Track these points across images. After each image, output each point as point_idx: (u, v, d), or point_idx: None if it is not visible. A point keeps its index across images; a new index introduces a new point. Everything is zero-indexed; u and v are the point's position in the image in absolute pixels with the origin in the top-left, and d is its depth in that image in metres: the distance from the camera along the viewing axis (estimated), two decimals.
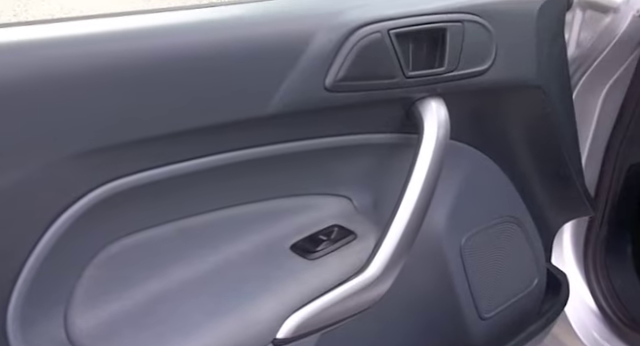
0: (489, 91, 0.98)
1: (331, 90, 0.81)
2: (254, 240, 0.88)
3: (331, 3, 0.88)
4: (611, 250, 1.28)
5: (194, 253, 0.84)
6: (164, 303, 0.80)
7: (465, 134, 1.02)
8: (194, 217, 0.85)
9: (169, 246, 0.83)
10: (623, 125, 1.21)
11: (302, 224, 0.91)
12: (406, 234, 0.86)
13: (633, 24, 1.09)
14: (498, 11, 0.94)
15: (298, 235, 0.89)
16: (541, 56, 1.00)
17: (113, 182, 0.74)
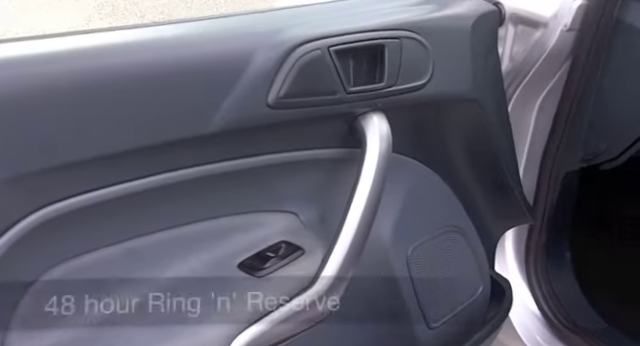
0: (428, 105, 1.01)
1: (273, 107, 0.82)
2: (201, 259, 0.87)
3: (271, 21, 0.89)
4: (551, 256, 1.32)
5: (141, 274, 0.83)
6: (110, 327, 0.78)
7: (407, 147, 1.04)
8: (141, 238, 0.83)
9: (116, 267, 0.81)
10: (557, 135, 1.25)
11: (249, 242, 0.91)
12: (353, 247, 0.87)
13: (561, 38, 1.14)
14: (434, 28, 0.97)
15: (246, 253, 0.89)
16: (476, 70, 1.03)
17: (52, 205, 0.72)
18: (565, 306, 1.28)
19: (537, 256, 1.31)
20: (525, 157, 1.31)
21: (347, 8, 1.00)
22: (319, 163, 0.96)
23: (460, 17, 1.02)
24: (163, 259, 0.85)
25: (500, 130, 1.15)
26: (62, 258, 0.78)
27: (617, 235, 1.50)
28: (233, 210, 0.92)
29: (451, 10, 1.03)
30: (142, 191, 0.79)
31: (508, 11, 1.19)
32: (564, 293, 1.29)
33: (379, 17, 0.95)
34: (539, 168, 1.32)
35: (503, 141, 1.15)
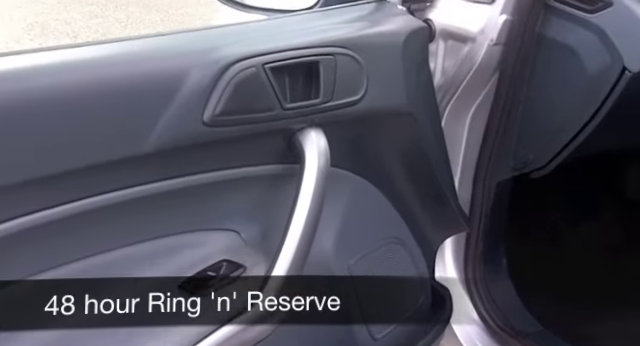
0: (364, 119, 1.02)
1: (210, 125, 0.81)
2: (142, 282, 0.86)
3: (206, 40, 0.89)
4: (488, 263, 1.35)
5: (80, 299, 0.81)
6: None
7: (346, 161, 1.05)
8: (79, 261, 0.82)
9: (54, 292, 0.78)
10: (488, 146, 1.29)
11: (190, 261, 0.90)
12: (295, 263, 0.87)
13: (489, 52, 1.18)
14: (366, 44, 0.99)
15: (187, 273, 0.88)
16: (409, 84, 1.06)
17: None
18: (503, 311, 1.31)
19: (475, 264, 1.35)
20: (460, 168, 1.35)
21: (282, 26, 1.01)
22: (258, 180, 0.96)
23: (392, 34, 1.04)
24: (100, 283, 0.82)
25: (434, 142, 1.18)
26: (7, 280, 0.75)
27: (549, 239, 1.55)
28: (173, 230, 0.90)
29: (383, 27, 1.05)
30: (80, 213, 0.77)
31: (438, 27, 1.23)
32: (502, 299, 1.33)
33: (313, 34, 0.96)
34: (473, 178, 1.36)
35: (438, 153, 1.18)
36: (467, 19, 1.19)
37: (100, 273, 0.83)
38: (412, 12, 1.18)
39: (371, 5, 1.09)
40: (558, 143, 1.29)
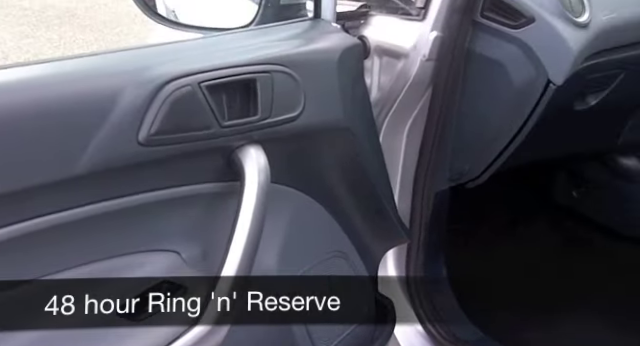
0: (303, 135, 1.03)
1: (145, 145, 0.80)
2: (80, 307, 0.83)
3: (140, 59, 0.87)
4: (429, 272, 1.37)
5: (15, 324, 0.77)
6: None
7: (286, 177, 1.05)
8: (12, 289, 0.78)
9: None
10: (425, 159, 1.31)
11: (129, 284, 0.87)
12: (237, 282, 0.86)
13: (422, 68, 1.21)
14: (302, 61, 1.00)
15: (125, 296, 0.85)
16: (346, 100, 1.07)
17: None
18: (445, 320, 1.33)
19: (416, 274, 1.36)
20: (399, 180, 1.37)
21: (218, 44, 1.00)
22: (198, 198, 0.94)
23: (327, 51, 1.05)
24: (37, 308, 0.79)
25: (373, 156, 1.19)
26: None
27: (486, 247, 1.59)
28: (110, 253, 0.87)
29: (318, 44, 1.06)
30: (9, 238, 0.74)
31: (373, 44, 1.25)
32: (443, 308, 1.35)
33: (250, 52, 0.96)
34: (412, 190, 1.38)
35: (376, 167, 1.20)
36: (400, 36, 1.22)
37: (35, 299, 0.79)
38: (347, 30, 1.19)
39: (306, 23, 1.10)
40: (491, 154, 1.33)
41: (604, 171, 1.59)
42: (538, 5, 1.15)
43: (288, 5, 1.14)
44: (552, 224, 1.65)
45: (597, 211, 1.62)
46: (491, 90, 1.25)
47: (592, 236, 1.59)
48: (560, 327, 1.36)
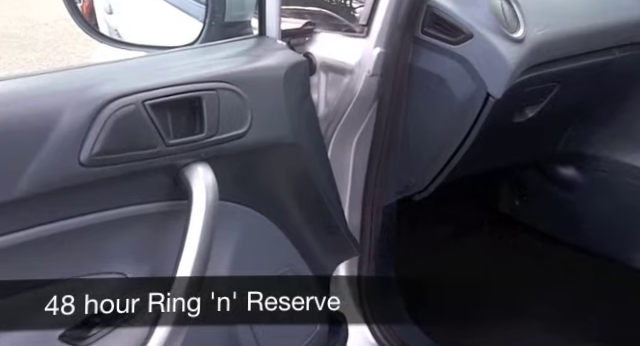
0: (251, 152, 1.02)
1: (87, 165, 0.78)
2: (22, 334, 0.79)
3: (81, 78, 0.85)
4: (380, 284, 1.38)
5: None
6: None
7: (235, 194, 1.04)
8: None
9: None
10: (373, 172, 1.32)
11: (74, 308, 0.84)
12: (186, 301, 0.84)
13: (367, 83, 1.22)
14: (248, 78, 0.99)
15: (69, 322, 0.82)
16: (293, 116, 1.07)
17: None
18: (397, 331, 1.34)
19: (368, 286, 1.37)
20: (348, 195, 1.37)
21: (162, 62, 0.99)
22: (145, 218, 0.92)
23: (273, 68, 1.05)
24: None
25: (322, 171, 1.19)
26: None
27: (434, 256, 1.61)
28: (54, 276, 0.84)
29: (264, 62, 1.06)
30: None
31: (319, 60, 1.26)
32: (394, 319, 1.35)
33: (194, 70, 0.95)
34: (361, 204, 1.39)
35: (325, 181, 1.20)
36: (345, 52, 1.23)
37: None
38: (292, 47, 1.20)
39: (251, 40, 1.10)
40: (436, 166, 1.35)
41: (544, 180, 1.64)
42: (476, 22, 1.18)
43: (233, 23, 1.13)
44: (497, 232, 1.69)
45: (539, 219, 1.66)
46: (434, 104, 1.28)
47: (535, 243, 1.63)
48: (506, 331, 1.39)
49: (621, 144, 1.52)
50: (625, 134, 1.52)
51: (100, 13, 1.36)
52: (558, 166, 1.60)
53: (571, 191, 1.60)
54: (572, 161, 1.58)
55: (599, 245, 1.56)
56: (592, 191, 1.57)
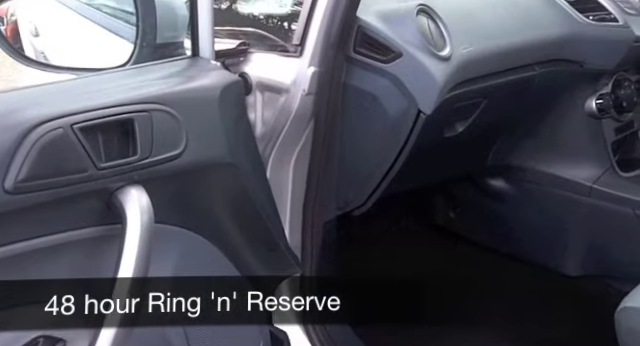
0: (187, 173, 1.00)
1: (13, 192, 0.74)
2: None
3: (6, 103, 0.82)
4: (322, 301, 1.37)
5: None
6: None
7: (172, 217, 1.01)
8: None
9: None
10: (312, 190, 1.32)
11: (3, 342, 0.80)
12: (122, 328, 0.81)
13: (303, 102, 1.22)
14: (182, 99, 0.98)
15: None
16: (229, 136, 1.05)
17: None
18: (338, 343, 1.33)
19: (311, 304, 1.36)
20: (289, 213, 1.36)
21: (92, 84, 0.96)
22: (77, 245, 0.89)
23: (207, 88, 1.04)
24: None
25: (260, 191, 1.18)
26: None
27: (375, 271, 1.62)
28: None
29: (198, 82, 1.05)
30: None
31: (254, 80, 1.25)
32: (339, 336, 1.35)
33: (126, 92, 0.93)
34: (302, 221, 1.38)
35: (264, 200, 1.19)
36: (280, 72, 1.23)
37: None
38: (227, 67, 1.19)
39: (184, 61, 1.09)
40: (372, 182, 1.36)
41: (476, 192, 1.68)
42: (404, 41, 1.21)
43: (165, 44, 1.11)
44: (434, 244, 1.72)
45: (473, 230, 1.70)
46: (369, 121, 1.29)
47: (471, 254, 1.67)
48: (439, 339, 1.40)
49: (545, 155, 1.58)
50: (548, 145, 1.58)
51: (25, 36, 1.31)
52: (488, 178, 1.65)
53: (501, 202, 1.65)
54: (501, 173, 1.63)
55: (530, 253, 1.61)
56: (521, 201, 1.62)
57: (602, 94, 1.53)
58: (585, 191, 1.54)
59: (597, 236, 1.54)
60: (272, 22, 1.31)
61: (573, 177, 1.55)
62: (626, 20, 1.48)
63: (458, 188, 1.70)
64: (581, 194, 1.54)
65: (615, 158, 1.58)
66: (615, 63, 1.49)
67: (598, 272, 1.56)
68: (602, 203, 1.52)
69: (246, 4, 1.37)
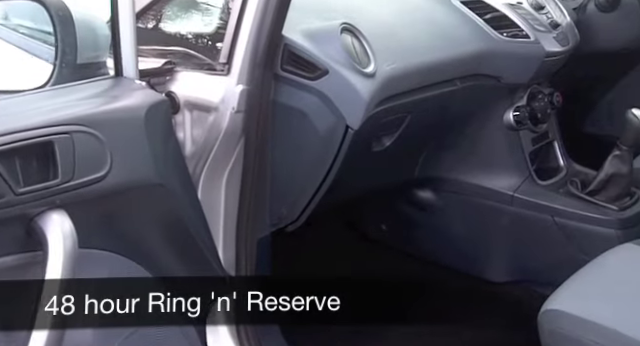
0: (113, 195, 0.97)
1: None
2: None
3: None
4: (259, 320, 1.35)
5: None
6: None
7: (98, 240, 0.98)
8: None
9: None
10: (244, 207, 1.30)
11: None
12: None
13: (232, 120, 1.21)
14: (106, 120, 0.95)
15: None
16: (156, 156, 1.03)
17: None
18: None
19: (246, 323, 1.33)
20: (222, 231, 1.34)
21: (8, 107, 0.92)
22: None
23: (132, 108, 1.01)
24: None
25: (191, 210, 1.16)
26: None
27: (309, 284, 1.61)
28: None
29: (122, 102, 1.02)
30: None
31: (182, 99, 1.23)
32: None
33: (44, 114, 0.89)
34: (235, 239, 1.36)
35: (195, 219, 1.16)
36: (208, 90, 1.21)
37: None
38: (152, 86, 1.16)
39: (107, 81, 1.06)
40: (305, 197, 1.36)
41: (406, 204, 1.71)
42: (330, 58, 1.21)
43: (86, 64, 1.08)
44: (368, 257, 1.73)
45: (404, 241, 1.72)
46: (298, 138, 1.29)
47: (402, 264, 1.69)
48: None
49: (468, 166, 1.62)
50: (470, 157, 1.62)
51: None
52: (417, 190, 1.67)
53: (429, 213, 1.68)
54: (428, 184, 1.66)
55: (457, 261, 1.64)
56: (447, 211, 1.65)
57: (518, 107, 1.59)
58: (507, 200, 1.59)
59: (519, 243, 1.59)
60: (198, 41, 1.29)
61: (495, 187, 1.60)
62: (537, 36, 1.54)
63: (389, 201, 1.72)
64: (503, 203, 1.59)
65: (533, 167, 1.63)
66: (529, 77, 1.55)
67: (522, 277, 1.61)
68: (523, 211, 1.57)
69: (172, 23, 1.34)
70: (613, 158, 1.51)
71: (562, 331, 1.03)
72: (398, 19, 1.41)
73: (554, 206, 1.55)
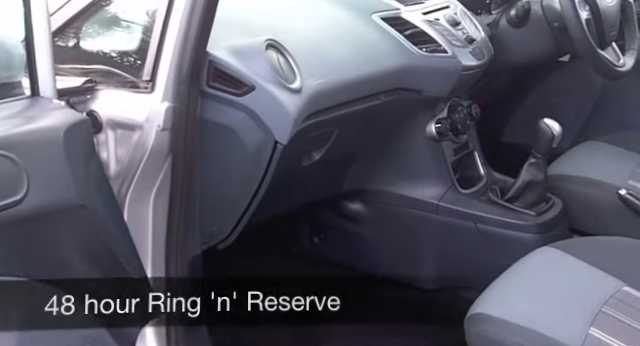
0: (31, 219, 0.92)
1: None
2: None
3: None
4: (193, 342, 1.31)
5: None
6: None
7: (15, 267, 0.92)
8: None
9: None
10: (174, 226, 1.26)
11: None
12: None
13: (158, 138, 1.17)
14: (21, 142, 0.91)
15: None
16: (77, 177, 0.98)
17: None
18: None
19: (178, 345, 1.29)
20: (151, 252, 1.29)
21: None
22: None
23: (50, 129, 0.97)
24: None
25: (116, 231, 1.11)
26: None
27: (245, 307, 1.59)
28: None
29: (39, 123, 0.97)
30: None
31: (104, 118, 1.18)
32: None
33: None
34: (165, 258, 1.32)
35: (121, 240, 1.12)
36: (132, 108, 1.18)
37: None
38: (72, 105, 1.12)
39: (23, 102, 1.01)
40: (235, 214, 1.34)
41: (337, 216, 1.71)
42: (255, 74, 1.20)
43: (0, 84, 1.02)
44: (301, 270, 1.71)
45: (337, 253, 1.72)
46: (227, 154, 1.27)
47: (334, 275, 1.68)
48: None
49: (394, 178, 1.65)
50: (396, 168, 1.65)
51: None
52: (347, 202, 1.68)
53: (360, 224, 1.69)
54: (358, 196, 1.67)
55: (388, 271, 1.66)
56: (377, 222, 1.67)
57: (440, 119, 1.63)
58: (433, 209, 1.62)
59: (446, 250, 1.63)
60: (121, 58, 1.25)
61: (421, 196, 1.63)
62: (454, 51, 1.59)
63: (321, 214, 1.72)
64: (429, 212, 1.62)
65: (456, 176, 1.68)
66: (448, 90, 1.60)
67: (450, 284, 1.64)
68: (448, 219, 1.61)
69: (93, 40, 1.30)
70: (529, 166, 1.57)
71: (487, 334, 1.05)
72: (323, 35, 1.42)
73: (476, 213, 1.60)
